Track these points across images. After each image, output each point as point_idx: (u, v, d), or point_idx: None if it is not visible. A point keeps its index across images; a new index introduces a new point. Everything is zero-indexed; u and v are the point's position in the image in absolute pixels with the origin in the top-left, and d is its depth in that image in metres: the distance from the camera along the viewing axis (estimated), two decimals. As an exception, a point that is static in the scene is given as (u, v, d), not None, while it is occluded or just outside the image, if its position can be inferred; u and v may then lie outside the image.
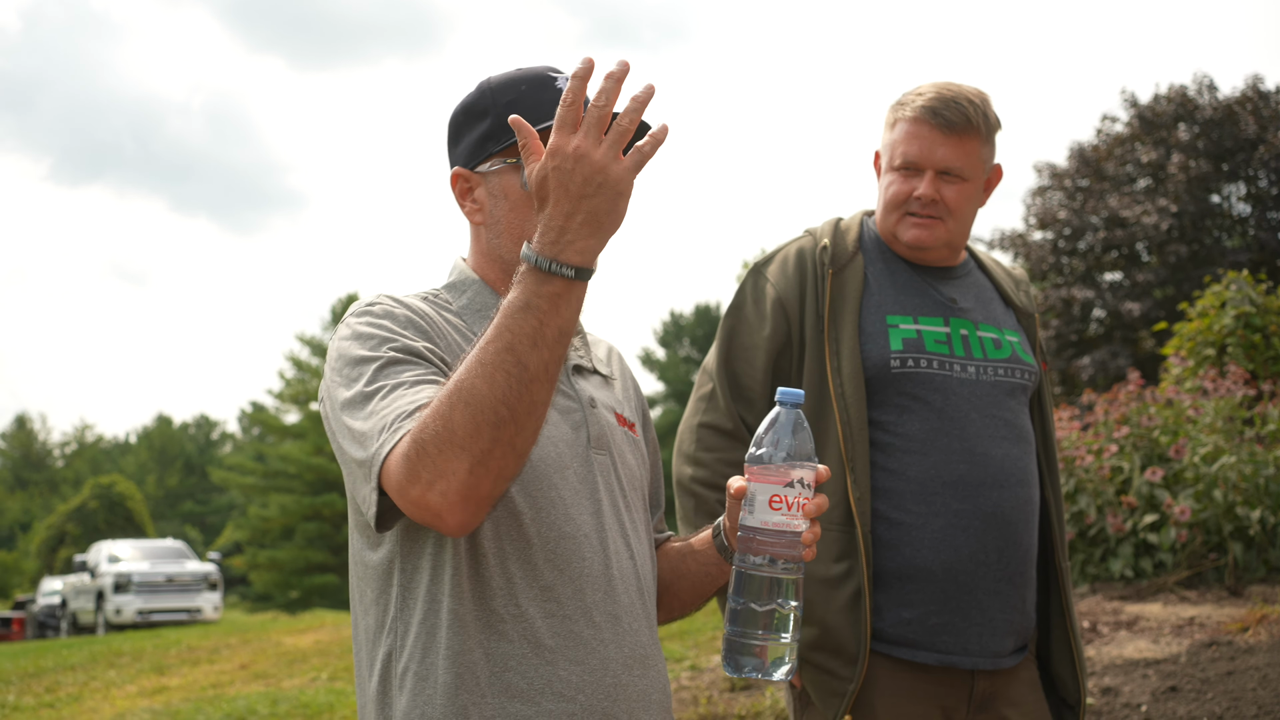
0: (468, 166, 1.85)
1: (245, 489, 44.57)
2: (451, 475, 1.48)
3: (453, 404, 1.48)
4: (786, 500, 1.60)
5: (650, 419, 2.07)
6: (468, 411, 1.47)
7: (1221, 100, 21.92)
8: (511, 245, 1.81)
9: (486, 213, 1.84)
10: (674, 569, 1.96)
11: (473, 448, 1.47)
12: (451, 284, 1.89)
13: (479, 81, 1.86)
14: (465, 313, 1.83)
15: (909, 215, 2.58)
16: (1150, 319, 20.23)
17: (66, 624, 24.97)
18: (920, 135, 2.54)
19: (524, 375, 1.48)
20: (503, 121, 1.77)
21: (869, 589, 2.44)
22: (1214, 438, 6.82)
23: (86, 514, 46.42)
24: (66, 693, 9.72)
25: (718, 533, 1.89)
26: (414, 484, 1.49)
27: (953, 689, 2.48)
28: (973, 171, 2.57)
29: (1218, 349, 8.52)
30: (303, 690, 8.35)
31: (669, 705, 1.84)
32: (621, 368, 2.05)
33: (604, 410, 1.87)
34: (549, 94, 1.78)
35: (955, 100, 2.53)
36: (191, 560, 25.34)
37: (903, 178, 2.57)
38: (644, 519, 1.92)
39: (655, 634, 1.86)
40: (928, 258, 2.64)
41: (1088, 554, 7.02)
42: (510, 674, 1.66)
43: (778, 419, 1.64)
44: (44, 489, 68.30)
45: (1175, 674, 4.98)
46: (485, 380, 1.47)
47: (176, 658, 11.69)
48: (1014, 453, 2.54)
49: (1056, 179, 22.96)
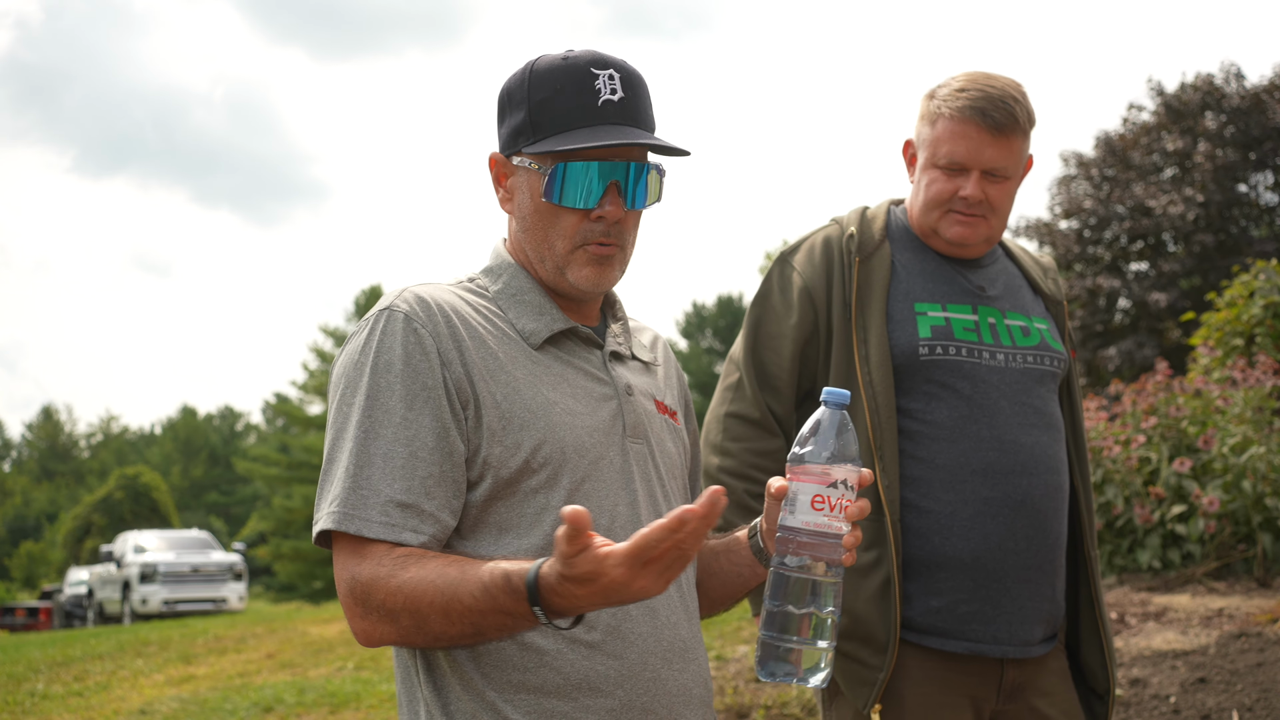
0: (503, 153, 1.83)
1: (269, 480, 44.79)
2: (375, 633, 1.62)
3: (406, 608, 1.57)
4: (829, 501, 1.57)
5: (693, 408, 2.05)
6: (413, 622, 1.58)
7: (1249, 89, 21.72)
8: (534, 244, 1.80)
9: (515, 204, 1.83)
10: (706, 567, 1.93)
11: (406, 637, 1.61)
12: (489, 268, 1.88)
13: (530, 60, 1.80)
14: (501, 297, 1.82)
15: (953, 213, 2.56)
16: (1176, 309, 20.09)
17: (93, 614, 25.14)
18: (968, 135, 2.50)
19: (476, 639, 1.60)
20: (534, 118, 1.74)
21: (898, 578, 2.43)
22: (1243, 428, 6.77)
23: (112, 505, 46.70)
24: (95, 681, 9.79)
25: (754, 534, 1.86)
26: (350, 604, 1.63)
27: (982, 678, 2.47)
28: (1016, 170, 2.55)
29: (1246, 339, 8.46)
30: (329, 679, 8.38)
31: (710, 700, 1.82)
32: (666, 355, 2.03)
33: (641, 398, 1.85)
34: (585, 97, 1.73)
35: (1002, 100, 2.48)
36: (216, 550, 25.47)
37: (946, 176, 2.54)
38: None
39: (696, 627, 1.83)
40: (966, 253, 2.63)
41: (1115, 545, 6.99)
42: (546, 670, 1.65)
43: (822, 419, 1.61)
44: (70, 480, 68.83)
45: (1204, 665, 4.95)
46: (442, 621, 1.56)
47: (203, 647, 11.76)
48: (1043, 440, 2.52)
49: (1083, 168, 22.80)
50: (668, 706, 1.71)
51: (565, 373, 1.78)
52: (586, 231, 1.76)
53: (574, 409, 1.75)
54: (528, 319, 1.79)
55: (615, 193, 1.75)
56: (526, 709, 1.64)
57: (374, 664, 9.00)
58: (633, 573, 1.40)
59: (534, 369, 1.75)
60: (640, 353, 1.94)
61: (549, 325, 1.79)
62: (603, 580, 1.41)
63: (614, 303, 1.95)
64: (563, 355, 1.80)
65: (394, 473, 1.62)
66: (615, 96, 1.74)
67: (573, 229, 1.76)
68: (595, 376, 1.81)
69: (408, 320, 1.68)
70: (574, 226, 1.76)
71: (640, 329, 2.01)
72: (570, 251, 1.77)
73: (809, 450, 1.59)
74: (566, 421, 1.72)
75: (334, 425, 1.68)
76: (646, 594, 1.42)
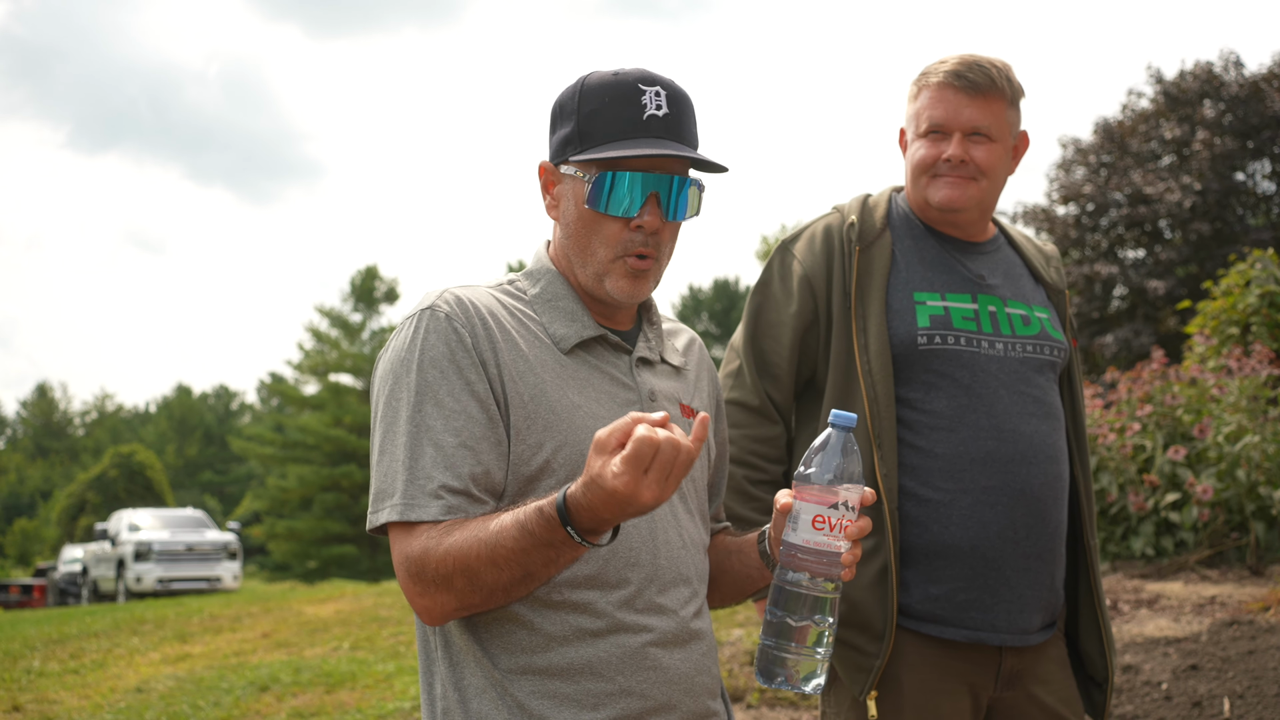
0: (552, 161, 1.90)
1: (264, 459, 44.80)
2: (435, 606, 1.70)
3: (457, 568, 1.65)
4: (830, 521, 1.63)
5: (724, 411, 2.12)
6: (466, 581, 1.65)
7: (1248, 77, 21.69)
8: (576, 251, 1.87)
9: (560, 211, 1.90)
10: (719, 564, 2.00)
11: (465, 600, 1.68)
12: (530, 271, 1.96)
13: (582, 75, 1.88)
14: (537, 302, 1.90)
15: (939, 177, 2.57)
16: (1173, 297, 20.11)
17: (87, 591, 25.14)
18: (945, 99, 2.54)
19: (527, 583, 1.66)
20: (582, 128, 1.82)
21: (895, 565, 2.45)
22: (1237, 417, 6.80)
23: (107, 483, 46.73)
24: (91, 659, 9.80)
25: (762, 539, 1.93)
26: (408, 584, 1.70)
27: (980, 665, 2.49)
28: (1000, 133, 2.56)
29: (1242, 327, 8.48)
30: (325, 659, 8.41)
31: (716, 688, 1.88)
32: (700, 358, 2.09)
33: (665, 402, 1.91)
34: (631, 111, 1.80)
35: (977, 63, 2.54)
36: (211, 529, 25.46)
37: (930, 142, 2.57)
38: (700, 508, 1.96)
39: (706, 618, 1.90)
40: (959, 220, 2.63)
41: (1109, 532, 7.02)
42: (551, 654, 1.73)
43: (829, 440, 1.66)
44: (65, 458, 68.79)
45: (1196, 652, 4.98)
46: (492, 572, 1.64)
47: (199, 626, 11.76)
48: (1043, 429, 2.53)
49: (1081, 154, 22.79)
50: (666, 694, 1.77)
51: (592, 377, 1.86)
52: (627, 241, 1.84)
53: (596, 413, 1.81)
54: (560, 324, 1.87)
55: (655, 203, 1.82)
56: (531, 689, 1.73)
57: (369, 644, 9.03)
58: (635, 479, 1.48)
59: (561, 372, 1.83)
60: (671, 357, 2.00)
61: (579, 331, 1.87)
62: (616, 503, 1.51)
63: (650, 307, 2.01)
64: (591, 360, 1.88)
65: (446, 460, 1.70)
66: (660, 112, 1.82)
67: (615, 237, 1.83)
68: (621, 382, 1.88)
69: (449, 320, 1.77)
70: (616, 235, 1.83)
71: (676, 331, 2.09)
72: (612, 260, 1.84)
73: (814, 471, 1.65)
74: (588, 425, 1.79)
75: (385, 419, 1.76)
76: (657, 501, 1.51)
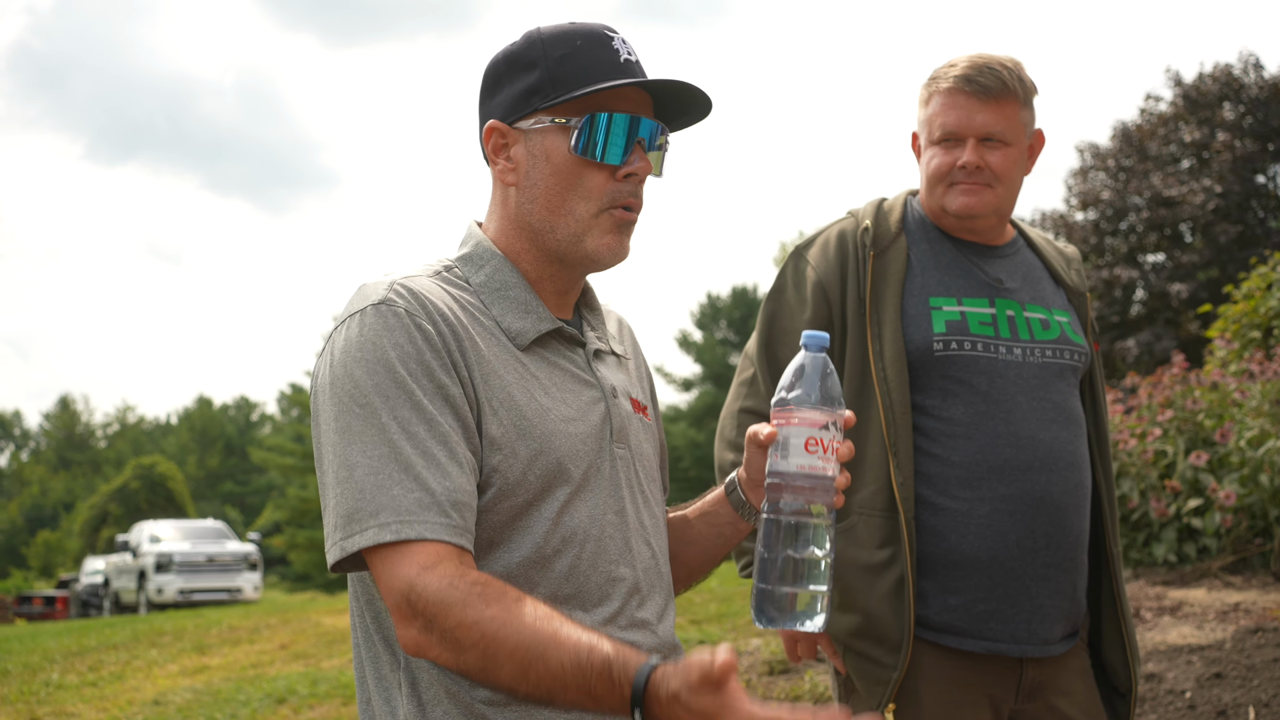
0: (505, 120, 1.70)
1: (284, 470, 44.88)
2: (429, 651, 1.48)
3: (478, 646, 1.44)
4: (822, 443, 1.56)
5: (656, 396, 1.96)
6: (480, 662, 1.45)
7: (1268, 79, 21.58)
8: (545, 213, 1.68)
9: (522, 173, 1.69)
10: (680, 538, 1.88)
11: (460, 668, 1.47)
12: (467, 255, 1.74)
13: (526, 31, 1.70)
14: (483, 290, 1.69)
15: (955, 185, 2.53)
16: (1194, 300, 19.99)
17: (109, 603, 25.27)
18: (957, 104, 2.50)
19: (538, 703, 1.48)
20: (554, 73, 1.65)
21: (912, 576, 2.41)
22: (1260, 421, 6.72)
23: (128, 494, 46.91)
24: (109, 671, 9.81)
25: (732, 489, 1.82)
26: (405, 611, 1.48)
27: (1001, 677, 2.44)
28: (1015, 136, 2.52)
29: (1264, 331, 8.40)
30: (342, 670, 8.39)
31: None
32: (633, 343, 1.94)
33: (623, 399, 1.78)
34: (606, 54, 1.65)
35: (988, 66, 2.50)
36: (232, 540, 25.56)
37: (944, 150, 2.53)
38: (660, 510, 1.84)
39: (672, 627, 1.78)
40: (977, 227, 2.59)
41: (1131, 539, 6.96)
42: None
43: (805, 363, 1.59)
44: (87, 469, 69.17)
45: (1220, 660, 4.92)
46: (514, 676, 1.44)
47: (217, 637, 11.78)
48: (1063, 435, 2.49)
49: (1099, 159, 22.71)
50: None
51: (553, 375, 1.69)
52: (614, 192, 1.67)
53: (567, 415, 1.66)
54: (513, 317, 1.68)
55: (642, 151, 1.68)
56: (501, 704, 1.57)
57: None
58: None
59: (523, 372, 1.65)
60: (614, 345, 1.85)
61: (535, 325, 1.69)
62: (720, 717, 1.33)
63: (588, 290, 1.85)
64: (549, 356, 1.70)
65: (441, 470, 1.51)
66: (633, 58, 1.69)
67: (600, 189, 1.67)
68: (581, 379, 1.72)
69: (410, 315, 1.57)
70: (601, 186, 1.67)
71: (606, 313, 1.90)
72: (595, 215, 1.67)
73: (797, 394, 1.57)
74: (561, 430, 1.64)
75: (343, 430, 1.53)
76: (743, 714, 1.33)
